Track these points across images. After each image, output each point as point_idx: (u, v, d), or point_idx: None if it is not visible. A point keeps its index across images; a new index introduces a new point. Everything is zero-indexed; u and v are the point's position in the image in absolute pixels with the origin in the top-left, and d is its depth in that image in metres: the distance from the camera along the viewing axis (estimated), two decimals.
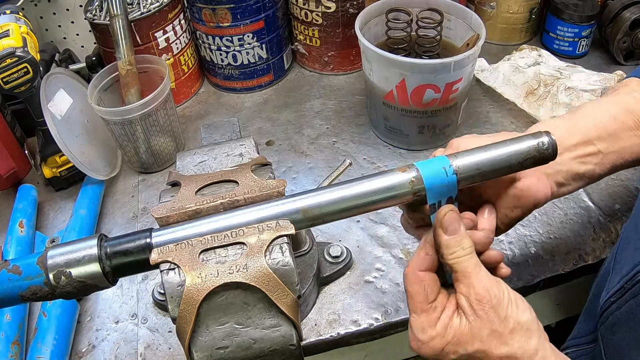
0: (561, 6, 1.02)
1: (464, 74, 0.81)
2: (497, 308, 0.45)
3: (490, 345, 0.45)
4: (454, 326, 0.46)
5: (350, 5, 0.98)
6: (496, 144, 0.49)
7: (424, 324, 0.47)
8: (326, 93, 1.05)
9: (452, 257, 0.47)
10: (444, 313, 0.47)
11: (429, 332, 0.47)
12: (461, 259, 0.47)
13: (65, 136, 0.81)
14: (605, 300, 0.54)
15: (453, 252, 0.47)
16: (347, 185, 0.48)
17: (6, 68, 0.79)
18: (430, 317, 0.47)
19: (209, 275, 0.43)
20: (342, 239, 0.78)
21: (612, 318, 0.53)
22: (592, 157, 0.57)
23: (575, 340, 0.64)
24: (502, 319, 0.45)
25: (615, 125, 0.57)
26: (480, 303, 0.45)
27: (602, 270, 0.62)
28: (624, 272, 0.53)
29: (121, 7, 0.88)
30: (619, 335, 0.52)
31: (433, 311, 0.47)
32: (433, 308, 0.47)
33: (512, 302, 0.46)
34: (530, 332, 0.46)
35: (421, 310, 0.47)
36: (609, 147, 0.57)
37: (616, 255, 0.58)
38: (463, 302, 0.46)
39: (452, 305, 0.47)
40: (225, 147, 0.59)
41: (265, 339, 0.45)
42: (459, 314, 0.47)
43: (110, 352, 0.69)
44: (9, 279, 0.45)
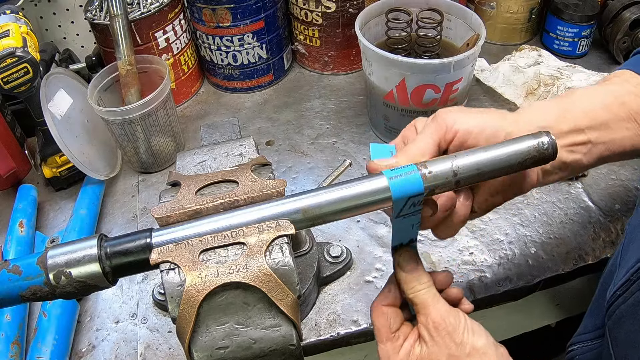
0: (561, 6, 1.02)
1: (464, 74, 0.81)
2: (453, 334, 0.49)
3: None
4: (416, 352, 0.50)
5: (350, 5, 0.98)
6: (496, 144, 0.49)
7: (389, 351, 0.51)
8: (326, 93, 1.05)
9: (411, 292, 0.51)
10: (406, 341, 0.51)
11: (392, 358, 0.51)
12: (419, 293, 0.51)
13: (65, 136, 0.81)
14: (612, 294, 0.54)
15: (412, 287, 0.51)
16: (347, 185, 0.48)
17: (6, 68, 0.79)
18: (394, 345, 0.51)
19: (209, 275, 0.43)
20: (342, 239, 0.78)
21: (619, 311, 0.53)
22: (582, 146, 0.55)
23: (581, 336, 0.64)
24: (458, 344, 0.49)
25: (607, 115, 0.56)
26: (437, 330, 0.49)
27: (608, 266, 0.62)
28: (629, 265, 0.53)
29: (121, 7, 0.88)
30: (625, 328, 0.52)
31: (396, 340, 0.51)
32: (396, 337, 0.52)
33: (467, 328, 0.50)
34: (487, 356, 0.49)
35: (386, 339, 0.52)
36: (599, 137, 0.56)
37: (622, 250, 0.58)
38: (423, 330, 0.50)
39: (415, 335, 0.52)
40: (225, 147, 0.59)
41: (265, 339, 0.45)
42: (420, 342, 0.51)
43: (110, 352, 0.69)
44: (9, 279, 0.45)
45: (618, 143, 0.57)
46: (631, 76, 0.60)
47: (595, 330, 0.62)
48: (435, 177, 0.47)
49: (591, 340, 0.62)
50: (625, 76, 0.60)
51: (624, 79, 0.60)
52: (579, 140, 0.55)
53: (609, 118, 0.56)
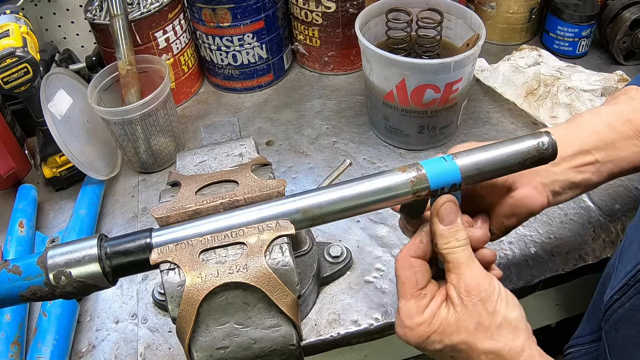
0: (561, 6, 1.02)
1: (464, 74, 0.81)
2: (486, 302, 0.45)
3: (475, 338, 0.45)
4: (441, 315, 0.47)
5: (350, 5, 0.98)
6: (496, 144, 0.49)
7: (412, 310, 0.47)
8: (326, 93, 1.05)
9: (446, 247, 0.47)
10: (432, 301, 0.47)
11: (416, 318, 0.47)
12: (454, 250, 0.47)
13: (65, 136, 0.81)
14: (609, 298, 0.54)
15: (447, 242, 0.47)
16: (347, 185, 0.48)
17: (6, 68, 0.79)
18: (419, 304, 0.47)
19: (209, 275, 0.43)
20: (342, 239, 0.78)
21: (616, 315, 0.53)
22: (590, 166, 0.57)
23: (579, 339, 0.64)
24: (489, 313, 0.45)
25: (613, 135, 0.57)
26: (469, 295, 0.46)
27: (607, 269, 0.62)
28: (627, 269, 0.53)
29: (121, 7, 0.88)
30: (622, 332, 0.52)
31: (422, 298, 0.48)
32: (422, 295, 0.48)
33: (501, 298, 0.46)
34: (518, 330, 0.46)
35: (411, 295, 0.48)
36: (606, 156, 0.57)
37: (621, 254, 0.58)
38: (452, 292, 0.47)
39: (442, 295, 0.48)
40: (225, 147, 0.59)
41: (265, 339, 0.45)
42: (448, 304, 0.47)
43: (110, 352, 0.69)
44: (9, 279, 0.45)
45: (627, 160, 0.58)
46: (637, 93, 0.61)
47: (592, 333, 0.62)
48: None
49: (588, 343, 0.62)
50: (631, 93, 0.61)
51: (630, 96, 0.61)
52: (587, 160, 0.56)
53: (614, 138, 0.57)
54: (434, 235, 0.48)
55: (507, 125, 0.94)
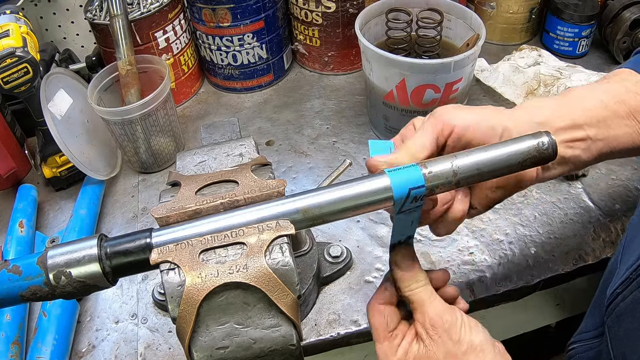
0: (561, 6, 1.02)
1: (464, 74, 0.81)
2: (450, 331, 0.49)
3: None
4: (413, 351, 0.50)
5: (350, 5, 0.98)
6: (496, 144, 0.49)
7: (386, 351, 0.51)
8: (326, 93, 1.05)
9: (407, 290, 0.51)
10: (404, 340, 0.51)
11: (391, 358, 0.50)
12: (415, 291, 0.51)
13: (65, 136, 0.81)
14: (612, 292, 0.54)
15: (408, 285, 0.51)
16: (347, 185, 0.48)
17: (6, 68, 0.79)
18: (392, 344, 0.51)
19: (209, 275, 0.43)
20: (342, 239, 0.78)
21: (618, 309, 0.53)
22: (580, 142, 0.56)
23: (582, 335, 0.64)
24: (455, 342, 0.49)
25: (606, 112, 0.56)
26: (434, 328, 0.49)
27: (609, 265, 0.62)
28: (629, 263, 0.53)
29: (121, 7, 0.88)
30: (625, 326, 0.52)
31: (394, 339, 0.51)
32: (394, 336, 0.51)
33: (465, 325, 0.50)
34: (484, 352, 0.49)
35: (384, 338, 0.51)
36: (598, 133, 0.56)
37: (623, 248, 0.58)
38: (420, 329, 0.50)
39: (412, 333, 0.51)
40: (225, 147, 0.59)
41: (265, 339, 0.45)
42: (418, 340, 0.50)
43: (110, 352, 0.69)
44: (9, 279, 0.45)
45: (617, 140, 0.57)
46: (630, 74, 0.60)
47: (595, 329, 0.62)
48: (435, 177, 0.47)
49: (591, 339, 0.62)
50: (624, 74, 0.60)
51: (623, 77, 0.60)
52: (578, 136, 0.55)
53: (607, 115, 0.56)
54: (396, 280, 0.52)
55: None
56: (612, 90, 0.58)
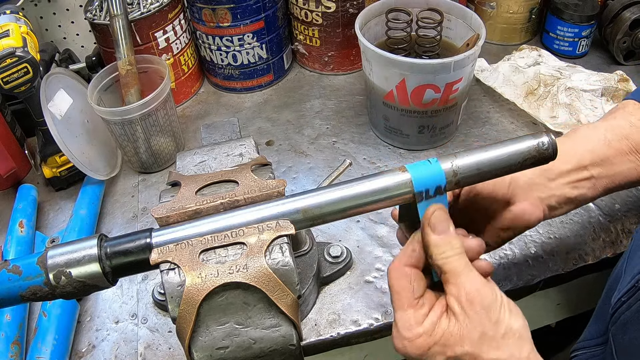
0: (561, 6, 1.02)
1: (464, 74, 0.81)
2: (489, 310, 0.43)
3: (480, 349, 0.43)
4: (443, 326, 0.44)
5: (350, 5, 0.98)
6: (496, 144, 0.49)
7: (410, 320, 0.45)
8: (326, 93, 1.05)
9: (441, 257, 0.45)
10: (432, 312, 0.45)
11: (415, 329, 0.44)
12: (450, 259, 0.45)
13: (65, 136, 0.81)
14: (617, 300, 0.54)
15: (442, 252, 0.45)
16: (347, 185, 0.48)
17: (6, 68, 0.79)
18: (418, 313, 0.45)
19: (209, 275, 0.43)
20: (342, 239, 0.78)
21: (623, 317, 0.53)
22: (585, 182, 0.57)
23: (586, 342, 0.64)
24: (493, 322, 0.43)
25: (609, 151, 0.58)
26: (471, 303, 0.43)
27: (614, 273, 0.63)
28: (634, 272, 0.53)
29: (121, 7, 0.88)
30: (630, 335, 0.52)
31: (421, 307, 0.45)
32: (421, 304, 0.45)
33: (504, 306, 0.44)
34: (523, 340, 0.44)
35: (408, 305, 0.45)
36: (602, 172, 0.58)
37: (628, 257, 0.58)
38: (453, 302, 0.44)
39: (441, 305, 0.46)
40: (225, 147, 0.59)
41: (265, 339, 0.45)
42: (449, 315, 0.45)
43: (110, 352, 0.69)
44: (9, 279, 0.45)
45: (622, 175, 0.58)
46: (635, 108, 0.61)
47: (599, 336, 0.62)
48: None
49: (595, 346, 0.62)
50: (629, 108, 0.62)
51: (628, 111, 0.61)
52: (582, 176, 0.57)
53: (611, 154, 0.58)
54: (428, 246, 0.46)
55: (507, 125, 0.94)
56: (617, 128, 0.59)
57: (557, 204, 0.57)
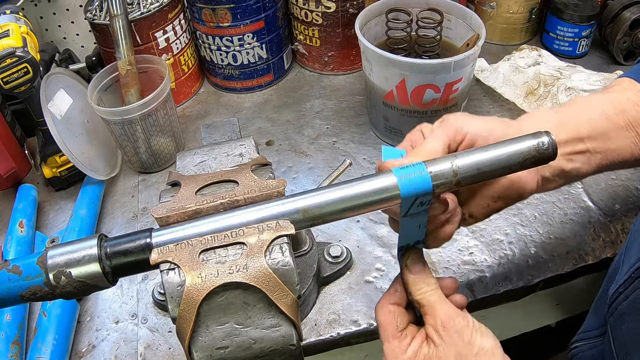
0: (561, 6, 1.02)
1: (464, 74, 0.81)
2: (462, 333, 0.49)
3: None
4: (423, 352, 0.50)
5: (350, 5, 0.98)
6: (496, 144, 0.49)
7: (395, 350, 0.50)
8: (326, 93, 1.05)
9: (419, 293, 0.51)
10: (414, 341, 0.51)
11: (400, 357, 0.50)
12: (427, 294, 0.51)
13: (65, 136, 0.81)
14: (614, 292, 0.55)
15: (419, 288, 0.51)
16: (347, 185, 0.48)
17: (6, 68, 0.79)
18: (402, 344, 0.50)
19: (209, 275, 0.43)
20: (342, 239, 0.78)
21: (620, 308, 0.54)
22: (580, 155, 0.57)
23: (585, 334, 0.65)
24: (466, 343, 0.48)
25: (606, 124, 0.57)
26: (445, 329, 0.49)
27: (613, 265, 0.63)
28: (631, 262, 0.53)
29: (121, 7, 0.88)
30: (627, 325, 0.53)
31: (404, 338, 0.51)
32: (404, 336, 0.51)
33: (475, 329, 0.49)
34: (495, 356, 0.49)
35: (392, 337, 0.51)
36: (597, 146, 0.57)
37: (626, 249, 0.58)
38: (431, 331, 0.50)
39: (422, 336, 0.51)
40: (225, 147, 0.59)
41: (265, 339, 0.45)
42: (428, 343, 0.50)
43: (110, 352, 0.69)
44: (9, 279, 0.45)
45: (616, 152, 0.58)
46: (631, 84, 0.61)
47: (597, 328, 0.62)
48: (435, 177, 0.47)
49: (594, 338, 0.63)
50: (625, 84, 0.61)
51: (624, 87, 0.61)
52: (578, 149, 0.57)
53: (607, 127, 0.57)
54: (406, 284, 0.52)
55: None
56: (613, 100, 0.59)
57: (551, 175, 0.57)
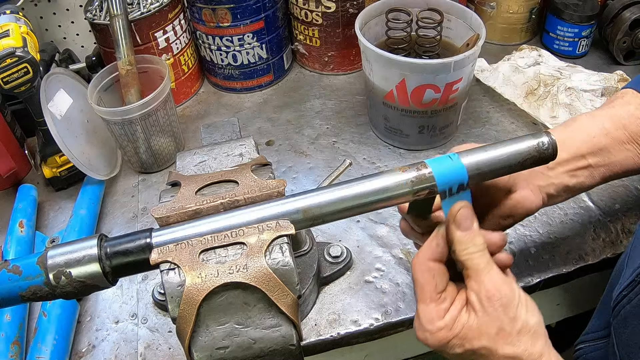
0: (561, 6, 1.02)
1: (464, 74, 0.81)
2: (507, 307, 0.46)
3: (496, 343, 0.46)
4: (462, 320, 0.47)
5: (350, 5, 0.98)
6: (496, 144, 0.49)
7: (432, 314, 0.47)
8: (326, 93, 1.05)
9: (464, 254, 0.47)
10: (453, 306, 0.47)
11: (437, 322, 0.47)
12: (473, 256, 0.47)
13: (65, 136, 0.81)
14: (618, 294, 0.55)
15: (466, 249, 0.47)
16: (347, 185, 0.48)
17: (6, 68, 0.79)
18: (439, 308, 0.47)
19: (209, 275, 0.43)
20: (342, 239, 0.78)
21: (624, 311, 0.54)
22: (583, 170, 0.59)
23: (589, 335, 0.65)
24: (510, 319, 0.46)
25: (607, 140, 0.59)
26: (490, 300, 0.46)
27: (617, 266, 0.63)
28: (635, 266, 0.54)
29: (121, 7, 0.88)
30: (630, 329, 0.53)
31: (442, 302, 0.47)
32: (442, 299, 0.47)
33: (522, 303, 0.47)
34: (537, 335, 0.47)
35: (430, 299, 0.47)
36: (599, 161, 0.58)
37: (630, 251, 0.59)
38: (473, 298, 0.47)
39: (462, 300, 0.48)
40: (225, 147, 0.59)
41: (265, 339, 0.46)
42: (468, 310, 0.47)
43: (110, 352, 0.69)
44: (9, 279, 0.45)
45: (619, 164, 0.59)
46: (633, 96, 0.62)
47: (602, 329, 0.63)
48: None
49: (598, 339, 0.63)
50: (627, 97, 0.62)
51: (626, 100, 0.62)
52: (580, 165, 0.58)
53: (608, 143, 0.58)
54: (452, 242, 0.48)
55: (507, 125, 0.94)
56: (615, 116, 0.60)
57: (555, 192, 0.58)
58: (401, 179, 0.47)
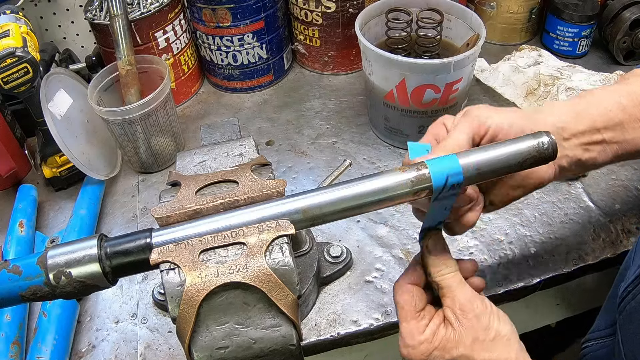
0: (561, 6, 1.02)
1: (464, 74, 0.81)
2: (480, 318, 0.49)
3: (473, 351, 0.49)
4: (441, 334, 0.50)
5: (350, 5, 0.98)
6: (496, 144, 0.49)
7: (412, 330, 0.51)
8: (326, 93, 1.05)
9: (438, 275, 0.51)
10: (431, 322, 0.51)
11: (417, 337, 0.50)
12: (446, 277, 0.51)
13: (65, 136, 0.81)
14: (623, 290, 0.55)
15: (439, 271, 0.51)
16: (347, 185, 0.48)
17: (6, 68, 0.79)
18: (419, 324, 0.51)
19: (209, 275, 0.43)
20: (342, 239, 0.78)
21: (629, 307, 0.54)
22: (597, 145, 0.58)
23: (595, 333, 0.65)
24: (484, 328, 0.49)
25: (623, 116, 0.57)
26: (464, 313, 0.50)
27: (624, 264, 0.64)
28: None
29: (121, 7, 0.88)
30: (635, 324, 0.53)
31: (422, 319, 0.51)
32: (422, 316, 0.51)
33: (493, 314, 0.50)
34: (510, 342, 0.50)
35: (410, 317, 0.51)
36: (613, 137, 0.57)
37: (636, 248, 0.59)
38: (449, 313, 0.50)
39: (440, 317, 0.51)
40: (225, 147, 0.59)
41: (265, 339, 0.45)
42: (446, 324, 0.51)
43: (110, 352, 0.69)
44: (9, 279, 0.45)
45: (632, 143, 0.58)
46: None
47: (608, 327, 0.63)
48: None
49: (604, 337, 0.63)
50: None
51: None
52: (595, 139, 0.57)
53: (623, 118, 0.58)
54: (426, 265, 0.52)
55: None
56: (630, 92, 0.59)
57: (568, 164, 0.57)
58: (401, 179, 0.47)
